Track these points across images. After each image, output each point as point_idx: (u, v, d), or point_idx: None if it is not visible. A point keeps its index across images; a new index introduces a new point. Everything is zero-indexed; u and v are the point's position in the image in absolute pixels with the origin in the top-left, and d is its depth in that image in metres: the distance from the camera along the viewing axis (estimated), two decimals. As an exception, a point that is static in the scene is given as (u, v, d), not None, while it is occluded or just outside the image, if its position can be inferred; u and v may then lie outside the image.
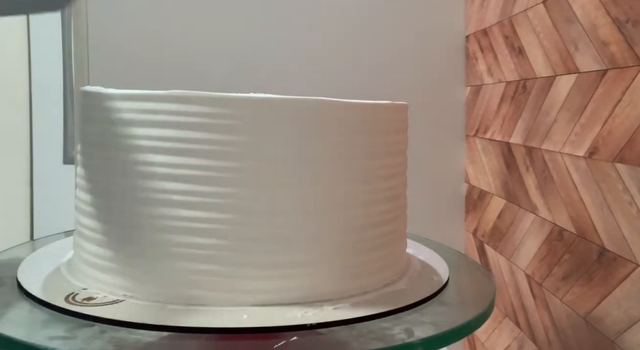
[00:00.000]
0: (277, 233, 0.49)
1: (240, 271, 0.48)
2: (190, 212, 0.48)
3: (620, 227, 0.69)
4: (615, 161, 0.69)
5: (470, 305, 0.55)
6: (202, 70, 1.14)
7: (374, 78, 1.18)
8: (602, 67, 0.72)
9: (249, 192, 0.48)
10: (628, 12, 0.67)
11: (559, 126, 0.83)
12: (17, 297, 0.50)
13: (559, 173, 0.83)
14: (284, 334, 0.45)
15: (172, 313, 0.46)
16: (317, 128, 0.50)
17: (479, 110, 1.13)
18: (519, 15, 0.95)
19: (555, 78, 0.84)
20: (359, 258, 0.53)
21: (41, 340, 0.41)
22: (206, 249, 0.48)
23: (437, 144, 1.21)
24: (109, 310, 0.46)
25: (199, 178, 0.48)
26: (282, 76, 1.15)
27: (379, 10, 1.18)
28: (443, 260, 0.63)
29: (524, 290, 0.94)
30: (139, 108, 0.49)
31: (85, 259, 0.53)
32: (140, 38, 1.13)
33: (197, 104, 0.48)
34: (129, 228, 0.50)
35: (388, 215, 0.56)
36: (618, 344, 0.69)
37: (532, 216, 0.91)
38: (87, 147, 0.54)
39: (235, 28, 1.14)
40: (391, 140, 0.56)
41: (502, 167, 1.02)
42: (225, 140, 0.48)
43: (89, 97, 0.54)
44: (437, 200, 1.22)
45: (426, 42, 1.19)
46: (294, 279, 0.49)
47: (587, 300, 0.75)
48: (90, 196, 0.53)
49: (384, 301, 0.51)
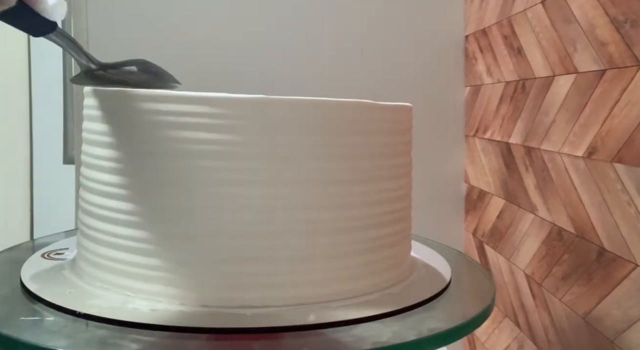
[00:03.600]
0: (278, 233, 0.49)
1: (242, 271, 0.48)
2: (190, 212, 0.48)
3: (619, 227, 0.69)
4: (614, 161, 0.70)
5: (470, 305, 0.55)
6: (202, 70, 1.14)
7: (373, 78, 1.18)
8: (601, 67, 0.72)
9: (250, 192, 0.48)
10: (626, 12, 0.67)
11: (557, 126, 0.83)
12: (19, 297, 0.50)
13: (558, 173, 0.83)
14: (284, 334, 0.45)
15: (173, 313, 0.46)
16: (321, 128, 0.50)
17: (479, 110, 1.13)
18: (518, 15, 0.95)
19: (554, 78, 0.84)
20: (362, 259, 0.53)
21: (45, 341, 0.42)
22: (207, 249, 0.48)
23: (436, 144, 1.21)
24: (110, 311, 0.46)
25: (199, 178, 0.48)
26: (283, 77, 1.15)
27: (378, 10, 1.18)
28: (445, 260, 0.63)
29: (524, 290, 0.94)
30: (141, 108, 0.49)
31: (89, 259, 0.53)
32: (141, 38, 1.13)
33: (198, 104, 0.48)
34: (130, 228, 0.50)
35: (392, 215, 0.56)
36: (617, 344, 0.69)
37: (531, 216, 0.92)
38: (90, 146, 0.54)
39: (240, 30, 1.14)
40: (395, 141, 0.56)
41: (502, 167, 1.02)
42: (227, 140, 0.48)
43: (92, 96, 0.54)
44: (436, 201, 1.22)
45: (425, 42, 1.19)
46: (295, 279, 0.49)
47: (586, 300, 0.76)
48: (92, 196, 0.53)
49: (386, 302, 0.51)
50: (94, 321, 0.45)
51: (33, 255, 0.60)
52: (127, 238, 0.50)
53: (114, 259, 0.51)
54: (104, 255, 0.51)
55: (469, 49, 1.18)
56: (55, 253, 0.60)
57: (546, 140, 0.86)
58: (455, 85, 1.21)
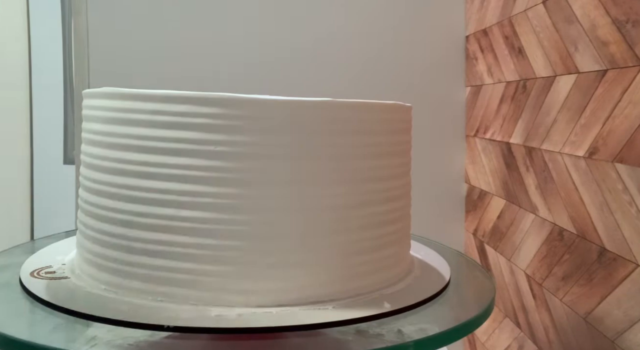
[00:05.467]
0: (278, 233, 0.49)
1: (243, 271, 0.48)
2: (190, 212, 0.48)
3: (620, 227, 0.69)
4: (615, 161, 0.69)
5: (470, 305, 0.55)
6: (203, 69, 1.14)
7: (374, 78, 1.18)
8: (602, 67, 0.72)
9: (250, 192, 0.48)
10: (628, 12, 0.67)
11: (558, 126, 0.83)
12: (20, 297, 0.50)
13: (559, 173, 0.83)
14: (284, 334, 0.45)
15: (173, 314, 0.46)
16: (320, 128, 0.50)
17: (479, 110, 1.13)
18: (519, 15, 0.95)
19: (555, 78, 0.84)
20: (361, 258, 0.53)
21: (44, 340, 0.42)
22: (206, 249, 0.48)
23: (437, 144, 1.21)
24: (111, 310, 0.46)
25: (200, 178, 0.48)
26: (282, 77, 1.15)
27: (379, 10, 1.18)
28: (445, 260, 0.63)
29: (524, 291, 0.94)
30: (141, 108, 0.49)
31: (89, 259, 0.53)
32: (141, 38, 1.13)
33: (198, 105, 0.48)
34: (130, 228, 0.50)
35: (391, 215, 0.56)
36: (618, 344, 0.69)
37: (532, 216, 0.92)
38: (90, 146, 0.54)
39: (237, 30, 1.14)
40: (394, 141, 0.56)
41: (502, 167, 1.02)
42: (227, 140, 0.48)
43: (92, 96, 0.54)
44: (437, 201, 1.22)
45: (426, 42, 1.19)
46: (296, 279, 0.49)
47: (587, 301, 0.76)
48: (92, 196, 0.53)
49: (386, 301, 0.51)
50: (94, 321, 0.45)
51: (21, 272, 0.56)
52: (127, 238, 0.50)
53: (114, 260, 0.50)
54: (103, 255, 0.51)
55: (470, 49, 1.18)
56: (45, 272, 0.56)
57: (547, 140, 0.86)
58: (456, 85, 1.21)
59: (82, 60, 1.13)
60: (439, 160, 1.21)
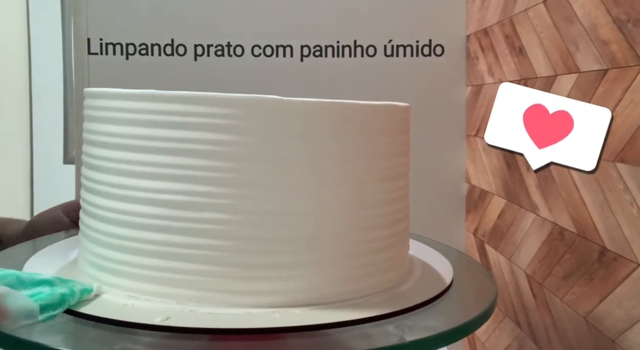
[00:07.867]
0: (279, 234, 0.49)
1: (243, 272, 0.48)
2: (191, 213, 0.48)
3: (621, 227, 0.69)
4: (616, 161, 0.69)
5: (471, 305, 0.55)
6: (203, 69, 1.14)
7: (374, 78, 1.18)
8: (603, 66, 0.72)
9: (250, 192, 0.48)
10: (629, 11, 0.67)
11: (559, 126, 0.83)
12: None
13: (560, 173, 0.83)
14: (284, 335, 0.45)
15: (174, 313, 0.46)
16: (320, 129, 0.50)
17: (480, 110, 1.13)
18: (520, 14, 0.95)
19: (555, 77, 0.84)
20: (361, 260, 0.52)
21: (44, 340, 0.41)
22: (208, 250, 0.48)
23: (437, 143, 1.21)
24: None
25: (200, 178, 0.48)
26: (282, 77, 1.15)
27: (379, 10, 1.18)
28: (447, 260, 0.63)
29: (525, 290, 0.94)
30: (142, 108, 0.49)
31: (90, 259, 0.53)
32: (140, 38, 1.13)
33: (199, 104, 0.48)
34: (130, 229, 0.49)
35: (391, 216, 0.55)
36: (619, 344, 0.69)
37: (532, 216, 0.91)
38: (90, 146, 0.54)
39: (240, 30, 1.14)
40: (393, 142, 0.56)
41: (503, 167, 1.02)
42: (227, 140, 0.48)
43: (92, 96, 0.54)
44: (437, 200, 1.22)
45: (426, 42, 1.19)
46: (296, 280, 0.49)
47: (587, 300, 0.75)
48: (92, 196, 0.53)
49: (386, 303, 0.50)
50: (94, 321, 0.45)
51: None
52: (127, 239, 0.50)
53: (114, 260, 0.50)
54: (104, 256, 0.51)
55: (471, 48, 1.18)
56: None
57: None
58: (457, 85, 1.20)
59: (82, 60, 1.13)
60: (439, 160, 1.21)
